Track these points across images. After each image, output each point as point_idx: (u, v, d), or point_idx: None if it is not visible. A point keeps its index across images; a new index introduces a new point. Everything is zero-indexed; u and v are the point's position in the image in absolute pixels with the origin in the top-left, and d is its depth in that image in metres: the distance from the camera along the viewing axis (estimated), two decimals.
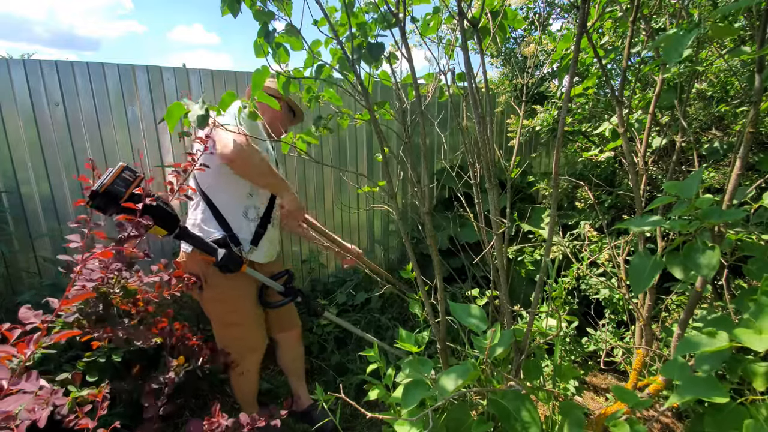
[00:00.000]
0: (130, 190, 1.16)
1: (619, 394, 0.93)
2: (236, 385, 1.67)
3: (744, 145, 1.00)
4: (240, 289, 1.53)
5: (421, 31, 1.34)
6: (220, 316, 1.55)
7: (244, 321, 1.56)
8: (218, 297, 1.51)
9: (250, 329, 1.58)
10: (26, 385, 0.69)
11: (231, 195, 1.51)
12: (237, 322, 1.55)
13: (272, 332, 1.81)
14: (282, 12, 1.13)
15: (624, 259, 1.65)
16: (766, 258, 0.94)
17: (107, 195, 1.13)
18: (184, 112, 1.07)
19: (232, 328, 1.56)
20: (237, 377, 1.62)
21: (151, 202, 1.18)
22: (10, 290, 2.10)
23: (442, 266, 1.31)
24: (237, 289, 1.52)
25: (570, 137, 2.72)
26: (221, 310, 1.54)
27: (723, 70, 1.96)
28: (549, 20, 3.14)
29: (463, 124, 1.33)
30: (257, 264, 1.59)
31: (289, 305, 1.77)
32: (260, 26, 1.13)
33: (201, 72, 2.32)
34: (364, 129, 2.88)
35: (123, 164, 1.18)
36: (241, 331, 1.57)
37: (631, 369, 1.46)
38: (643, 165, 1.42)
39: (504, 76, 3.21)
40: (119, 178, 1.15)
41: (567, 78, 1.17)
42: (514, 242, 2.52)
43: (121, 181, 1.14)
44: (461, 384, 0.86)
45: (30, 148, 2.06)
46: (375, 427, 1.84)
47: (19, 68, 1.97)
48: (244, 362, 1.60)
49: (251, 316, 1.58)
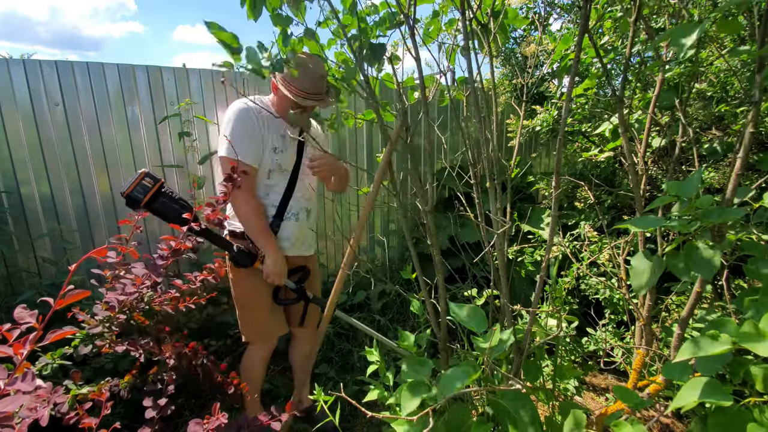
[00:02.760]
0: (149, 195, 1.30)
1: (619, 394, 0.93)
2: (242, 369, 1.71)
3: (744, 145, 1.00)
4: (254, 276, 1.56)
5: (423, 37, 1.34)
6: (236, 296, 1.63)
7: (255, 306, 1.62)
8: (235, 279, 1.59)
9: (260, 315, 1.63)
10: (22, 385, 0.69)
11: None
12: (249, 305, 1.63)
13: (291, 325, 1.82)
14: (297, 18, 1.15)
15: (624, 259, 1.65)
16: (766, 258, 0.94)
17: (129, 199, 1.30)
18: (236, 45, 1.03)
19: (244, 310, 1.64)
20: (244, 360, 1.70)
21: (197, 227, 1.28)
22: (10, 290, 2.10)
23: (443, 266, 1.31)
24: (251, 275, 1.56)
25: (570, 137, 2.72)
26: (238, 292, 1.62)
27: (723, 70, 1.96)
28: (549, 20, 3.14)
29: (463, 124, 1.33)
30: None
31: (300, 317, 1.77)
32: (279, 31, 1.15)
33: (201, 72, 2.32)
34: (364, 130, 2.88)
35: (144, 171, 1.32)
36: (251, 315, 1.64)
37: (631, 369, 1.46)
38: (643, 165, 1.42)
39: (504, 76, 3.21)
40: (139, 185, 1.29)
41: (567, 78, 1.17)
42: (514, 242, 2.52)
43: (140, 188, 1.30)
44: (461, 385, 0.86)
45: (30, 148, 2.05)
46: (375, 427, 1.84)
47: (19, 68, 1.97)
48: (252, 347, 1.68)
49: (263, 303, 1.62)
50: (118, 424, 0.91)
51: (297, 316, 1.78)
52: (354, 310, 2.61)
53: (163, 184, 1.34)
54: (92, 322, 1.14)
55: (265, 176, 1.53)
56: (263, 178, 1.53)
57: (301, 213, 1.62)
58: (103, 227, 2.26)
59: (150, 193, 1.30)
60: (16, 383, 0.69)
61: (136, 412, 1.35)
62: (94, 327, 1.13)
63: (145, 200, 1.29)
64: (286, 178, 1.57)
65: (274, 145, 1.50)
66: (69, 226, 2.19)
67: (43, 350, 1.19)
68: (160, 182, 1.32)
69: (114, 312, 1.09)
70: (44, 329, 0.71)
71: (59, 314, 0.75)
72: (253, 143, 1.44)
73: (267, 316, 1.64)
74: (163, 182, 1.34)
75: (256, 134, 1.45)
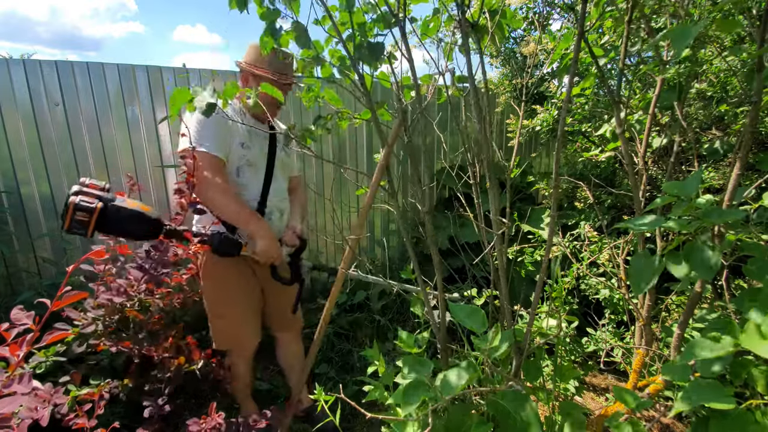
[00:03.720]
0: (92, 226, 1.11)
1: (619, 395, 0.93)
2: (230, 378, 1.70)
3: (744, 145, 1.00)
4: (226, 281, 1.53)
5: (421, 32, 1.34)
6: (209, 306, 1.58)
7: (228, 314, 1.58)
8: (208, 288, 1.54)
9: (234, 324, 1.59)
10: (19, 387, 0.69)
11: None
12: (222, 314, 1.58)
13: (272, 330, 1.81)
14: (290, 10, 1.13)
15: (624, 259, 1.65)
16: (766, 258, 0.94)
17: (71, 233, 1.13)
18: (188, 98, 1.03)
19: (216, 320, 1.59)
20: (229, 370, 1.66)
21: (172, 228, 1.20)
22: (10, 290, 2.10)
23: (442, 266, 1.31)
24: (224, 280, 1.52)
25: (570, 137, 2.72)
26: (210, 301, 1.57)
27: (723, 70, 1.95)
28: (549, 20, 3.14)
29: (462, 124, 1.33)
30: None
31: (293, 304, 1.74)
32: (266, 24, 1.14)
33: (201, 72, 2.32)
34: (363, 130, 2.88)
35: (72, 202, 1.09)
36: (225, 324, 1.59)
37: (631, 369, 1.46)
38: (642, 165, 1.42)
39: (504, 76, 3.21)
40: (74, 222, 1.09)
41: (567, 78, 1.17)
42: (514, 242, 2.52)
43: (77, 224, 1.10)
44: (461, 385, 0.86)
45: (30, 148, 2.05)
46: (375, 427, 1.84)
47: (19, 68, 1.97)
48: (230, 355, 1.65)
49: (238, 311, 1.58)
50: (117, 424, 0.91)
51: (279, 318, 1.76)
52: (354, 310, 2.61)
53: (105, 205, 1.11)
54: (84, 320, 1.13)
55: (234, 173, 1.49)
56: (233, 176, 1.49)
57: (274, 213, 1.60)
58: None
59: (92, 224, 1.10)
60: (12, 385, 0.69)
61: (135, 411, 1.35)
62: (87, 326, 1.12)
63: (90, 232, 1.11)
64: (257, 176, 1.54)
65: (242, 140, 1.48)
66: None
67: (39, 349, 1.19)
68: (96, 209, 1.10)
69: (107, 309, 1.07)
70: (41, 330, 0.71)
71: (56, 315, 0.75)
72: (218, 135, 1.41)
73: (239, 324, 1.60)
74: (104, 204, 1.11)
75: (221, 125, 1.42)
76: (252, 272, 1.60)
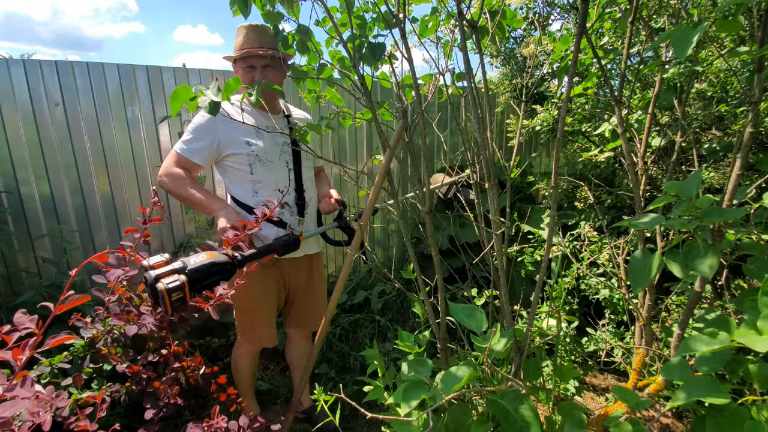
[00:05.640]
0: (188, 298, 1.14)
1: (619, 395, 0.93)
2: (232, 361, 1.76)
3: (744, 145, 1.00)
4: (262, 284, 1.59)
5: (420, 32, 1.34)
6: (238, 302, 1.63)
7: (254, 313, 1.66)
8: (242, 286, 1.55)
9: (258, 323, 1.67)
10: (21, 391, 0.69)
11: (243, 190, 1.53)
12: (248, 311, 1.66)
13: (286, 326, 1.84)
14: (291, 15, 1.15)
15: (624, 259, 1.65)
16: (765, 258, 0.94)
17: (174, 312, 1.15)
18: (190, 95, 1.02)
19: (242, 315, 1.68)
20: (234, 352, 1.75)
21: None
22: (10, 290, 2.10)
23: (442, 266, 1.31)
24: (259, 283, 1.56)
25: (570, 137, 2.72)
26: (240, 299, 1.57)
27: (723, 70, 1.95)
28: (549, 20, 3.14)
29: (462, 124, 1.33)
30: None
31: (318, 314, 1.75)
32: (272, 27, 1.15)
33: (201, 72, 2.32)
34: (364, 129, 2.88)
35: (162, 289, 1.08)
36: (249, 320, 1.68)
37: (631, 369, 1.46)
38: (642, 165, 1.42)
39: (504, 76, 3.21)
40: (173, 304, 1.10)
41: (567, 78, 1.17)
42: (514, 242, 2.52)
43: (178, 302, 1.11)
44: (461, 384, 0.86)
45: (30, 148, 2.05)
46: (375, 427, 1.84)
47: (19, 68, 1.97)
48: (241, 346, 1.72)
49: (261, 312, 1.65)
50: (117, 426, 0.91)
51: (298, 315, 1.79)
52: (354, 310, 2.61)
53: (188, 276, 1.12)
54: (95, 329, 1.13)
55: (248, 172, 1.49)
56: (246, 174, 1.49)
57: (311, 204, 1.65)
58: (103, 227, 2.26)
59: (187, 296, 1.12)
60: (15, 389, 0.69)
61: (135, 412, 1.35)
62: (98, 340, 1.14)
63: (189, 302, 1.15)
64: (272, 171, 1.52)
65: (246, 138, 1.47)
66: (69, 226, 2.19)
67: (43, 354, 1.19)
68: (184, 283, 1.10)
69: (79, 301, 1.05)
70: (44, 334, 0.71)
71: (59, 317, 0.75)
72: (198, 142, 1.44)
73: (264, 325, 1.67)
74: (185, 275, 1.12)
75: (206, 133, 1.44)
76: (279, 276, 1.65)
